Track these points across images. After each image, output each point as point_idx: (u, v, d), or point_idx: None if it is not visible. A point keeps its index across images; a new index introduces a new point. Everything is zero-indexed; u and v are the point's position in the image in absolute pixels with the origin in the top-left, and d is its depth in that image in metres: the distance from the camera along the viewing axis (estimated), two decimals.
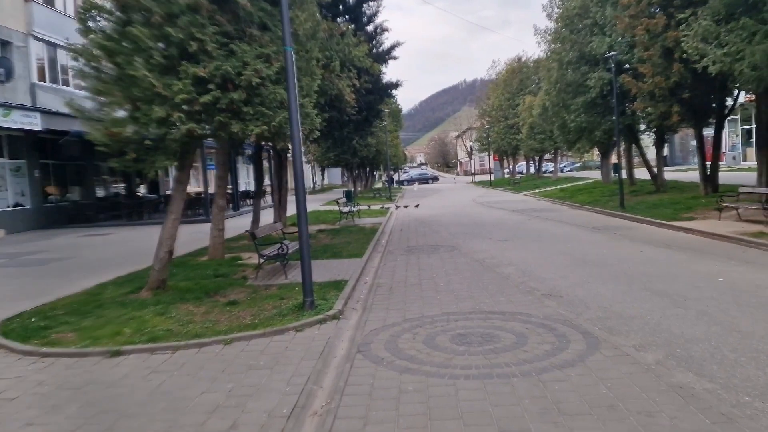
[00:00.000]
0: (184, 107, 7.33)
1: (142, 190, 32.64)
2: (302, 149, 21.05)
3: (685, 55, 13.38)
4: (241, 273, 10.69)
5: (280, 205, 20.09)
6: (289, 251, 11.44)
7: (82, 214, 23.58)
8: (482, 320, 6.79)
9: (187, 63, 7.39)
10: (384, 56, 19.14)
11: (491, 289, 8.57)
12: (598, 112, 21.71)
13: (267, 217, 20.61)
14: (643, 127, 23.04)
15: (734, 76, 12.53)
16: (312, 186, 58.32)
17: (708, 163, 19.27)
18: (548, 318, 6.75)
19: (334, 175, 70.53)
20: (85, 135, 7.87)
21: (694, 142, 48.49)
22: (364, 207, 28.55)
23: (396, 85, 20.16)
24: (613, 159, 27.38)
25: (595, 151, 70.68)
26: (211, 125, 7.78)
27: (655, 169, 22.54)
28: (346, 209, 21.01)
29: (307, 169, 62.62)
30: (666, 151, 31.72)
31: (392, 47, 19.22)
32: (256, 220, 16.20)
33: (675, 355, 5.32)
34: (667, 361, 5.16)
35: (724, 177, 23.57)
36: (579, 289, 8.25)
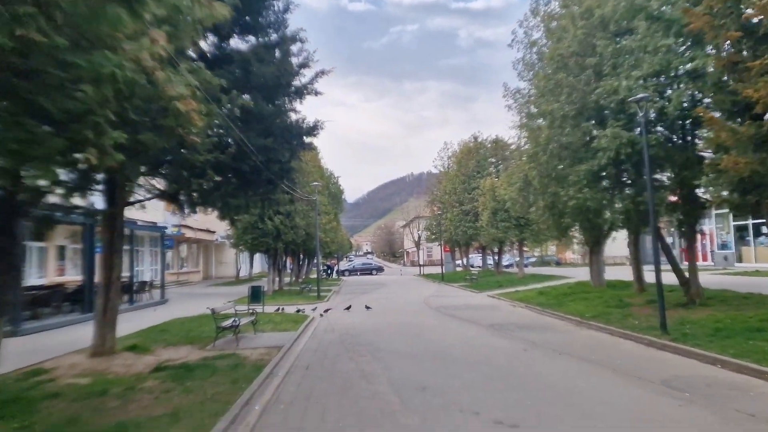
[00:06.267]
0: None
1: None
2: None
3: None
4: None
5: (105, 316, 11.83)
6: None
7: None
8: None
9: None
10: (294, 79, 11.89)
11: None
12: (609, 187, 15.13)
13: (84, 334, 12.13)
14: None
15: None
16: (236, 275, 49.15)
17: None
18: None
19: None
20: None
21: (671, 239, 43.40)
22: (276, 308, 20.44)
23: (314, 128, 12.75)
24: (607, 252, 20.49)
25: (551, 246, 65.15)
26: None
27: (686, 270, 15.75)
28: (227, 322, 12.88)
29: (231, 254, 53.64)
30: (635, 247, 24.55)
31: (308, 66, 11.93)
32: None
33: None
34: None
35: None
36: None
